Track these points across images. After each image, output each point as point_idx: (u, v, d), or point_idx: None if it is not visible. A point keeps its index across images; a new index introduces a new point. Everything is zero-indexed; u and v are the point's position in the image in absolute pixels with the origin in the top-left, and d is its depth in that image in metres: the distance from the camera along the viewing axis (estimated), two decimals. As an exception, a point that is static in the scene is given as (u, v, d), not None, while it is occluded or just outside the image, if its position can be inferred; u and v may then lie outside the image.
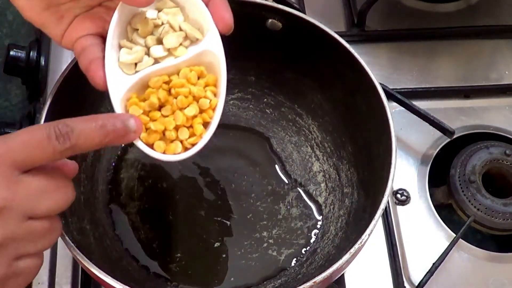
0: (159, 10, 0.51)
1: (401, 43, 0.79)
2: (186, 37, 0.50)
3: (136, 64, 0.49)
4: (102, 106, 0.60)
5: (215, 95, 0.49)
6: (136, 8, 0.50)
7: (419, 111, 0.69)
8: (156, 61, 0.49)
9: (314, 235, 0.63)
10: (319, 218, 0.64)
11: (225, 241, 0.62)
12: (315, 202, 0.65)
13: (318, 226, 0.63)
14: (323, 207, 0.64)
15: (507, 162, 0.68)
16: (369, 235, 0.52)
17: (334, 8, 0.81)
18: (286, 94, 0.69)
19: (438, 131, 0.69)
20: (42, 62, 0.74)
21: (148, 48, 0.50)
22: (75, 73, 0.57)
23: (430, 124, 0.69)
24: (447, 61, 0.79)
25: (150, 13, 0.50)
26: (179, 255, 0.61)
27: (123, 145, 0.65)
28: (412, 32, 0.80)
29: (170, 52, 0.49)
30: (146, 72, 0.48)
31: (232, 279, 0.60)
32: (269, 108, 0.70)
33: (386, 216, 0.65)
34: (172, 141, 0.48)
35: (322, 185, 0.65)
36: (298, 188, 0.65)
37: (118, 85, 0.48)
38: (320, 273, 0.50)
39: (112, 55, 0.49)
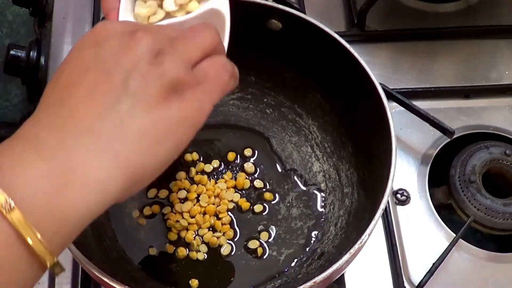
0: None
1: (401, 43, 0.79)
2: None
3: (149, 17, 0.50)
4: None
5: None
6: None
7: (419, 111, 0.69)
8: (168, 14, 0.50)
9: (314, 235, 0.63)
10: (319, 218, 0.64)
11: (225, 241, 0.62)
12: (315, 202, 0.65)
13: (318, 226, 0.63)
14: (323, 207, 0.64)
15: (507, 162, 0.68)
16: (369, 235, 0.52)
17: (334, 8, 0.81)
18: (286, 94, 0.69)
19: (438, 131, 0.69)
20: (42, 62, 0.74)
21: (162, 1, 0.50)
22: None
23: (430, 124, 0.69)
24: (447, 61, 0.79)
25: None
26: (178, 255, 0.61)
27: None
28: (412, 32, 0.80)
29: (181, 7, 0.50)
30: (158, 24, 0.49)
31: (232, 279, 0.60)
32: (269, 108, 0.70)
33: (386, 216, 0.65)
34: None
35: (322, 185, 0.65)
36: (298, 188, 0.65)
37: None
38: (320, 273, 0.50)
39: (128, 7, 0.49)
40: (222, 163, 0.67)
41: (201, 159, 0.66)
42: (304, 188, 0.65)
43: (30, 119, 0.38)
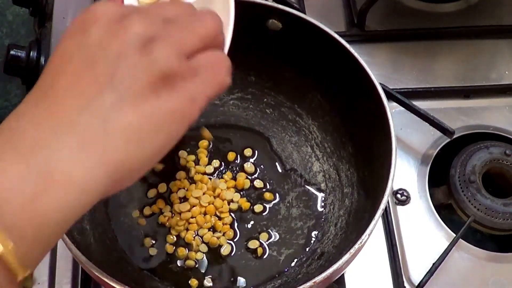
0: None
1: (401, 43, 0.79)
2: None
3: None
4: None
5: None
6: None
7: (419, 111, 0.69)
8: None
9: (314, 235, 0.63)
10: (319, 218, 0.64)
11: (225, 241, 0.62)
12: (315, 202, 0.65)
13: (318, 226, 0.63)
14: (323, 207, 0.64)
15: (507, 162, 0.68)
16: (369, 235, 0.52)
17: (334, 8, 0.81)
18: (286, 94, 0.69)
19: (438, 131, 0.69)
20: (42, 62, 0.74)
21: None
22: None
23: (430, 124, 0.69)
24: (447, 61, 0.79)
25: None
26: (178, 255, 0.61)
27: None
28: (412, 32, 0.80)
29: None
30: None
31: (232, 279, 0.60)
32: (269, 108, 0.70)
33: (386, 216, 0.65)
34: None
35: (322, 185, 0.65)
36: (298, 188, 0.65)
37: None
38: (320, 273, 0.50)
39: None
40: (222, 163, 0.67)
41: (201, 159, 0.66)
42: (304, 188, 0.65)
43: (17, 108, 0.36)
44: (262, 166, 0.67)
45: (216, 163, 0.66)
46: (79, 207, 0.35)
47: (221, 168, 0.66)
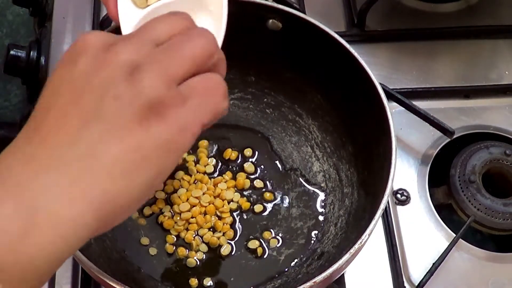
0: None
1: (401, 43, 0.79)
2: None
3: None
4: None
5: None
6: None
7: (419, 111, 0.69)
8: None
9: (314, 235, 0.63)
10: (319, 218, 0.64)
11: (225, 241, 0.62)
12: (315, 202, 0.65)
13: (318, 226, 0.63)
14: (323, 207, 0.64)
15: (507, 162, 0.68)
16: (369, 235, 0.52)
17: (334, 8, 0.81)
18: (286, 94, 0.69)
19: (438, 131, 0.69)
20: (42, 62, 0.74)
21: None
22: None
23: (430, 124, 0.69)
24: (447, 61, 0.79)
25: None
26: (178, 255, 0.61)
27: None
28: (412, 32, 0.80)
29: None
30: (156, 5, 0.49)
31: (232, 279, 0.60)
32: (269, 108, 0.70)
33: (386, 216, 0.65)
34: None
35: (322, 185, 0.65)
36: (298, 188, 0.65)
37: (129, 17, 0.48)
38: (320, 273, 0.50)
39: None
40: (222, 163, 0.67)
41: (201, 159, 0.66)
42: (304, 188, 0.65)
43: (11, 143, 0.35)
44: (262, 166, 0.67)
45: (215, 162, 0.66)
46: (66, 248, 0.33)
47: (221, 168, 0.66)
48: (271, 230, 0.63)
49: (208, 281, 0.60)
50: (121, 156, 0.34)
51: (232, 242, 0.62)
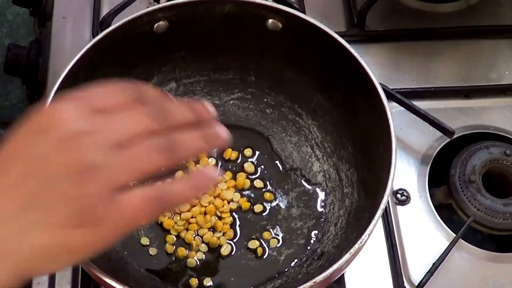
0: None
1: (401, 43, 0.79)
2: None
3: None
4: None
5: None
6: None
7: (419, 111, 0.69)
8: None
9: (314, 235, 0.63)
10: (319, 218, 0.64)
11: (225, 241, 0.62)
12: (315, 202, 0.65)
13: (318, 226, 0.63)
14: (323, 207, 0.64)
15: (507, 162, 0.68)
16: (369, 235, 0.52)
17: (334, 8, 0.81)
18: (286, 94, 0.69)
19: (438, 131, 0.69)
20: (42, 62, 0.74)
21: None
22: (76, 73, 0.57)
23: (430, 124, 0.69)
24: (447, 61, 0.79)
25: None
26: (178, 255, 0.61)
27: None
28: (412, 32, 0.80)
29: None
30: None
31: (232, 279, 0.60)
32: (269, 108, 0.69)
33: (386, 216, 0.65)
34: None
35: (322, 185, 0.65)
36: (298, 188, 0.65)
37: None
38: (320, 273, 0.50)
39: None
40: (222, 163, 0.67)
41: (201, 159, 0.66)
42: (304, 188, 0.65)
43: None
44: (262, 166, 0.67)
45: (215, 162, 0.66)
46: None
47: (221, 168, 0.66)
48: (271, 230, 0.63)
49: (208, 281, 0.60)
50: (46, 245, 0.36)
51: (232, 242, 0.62)
